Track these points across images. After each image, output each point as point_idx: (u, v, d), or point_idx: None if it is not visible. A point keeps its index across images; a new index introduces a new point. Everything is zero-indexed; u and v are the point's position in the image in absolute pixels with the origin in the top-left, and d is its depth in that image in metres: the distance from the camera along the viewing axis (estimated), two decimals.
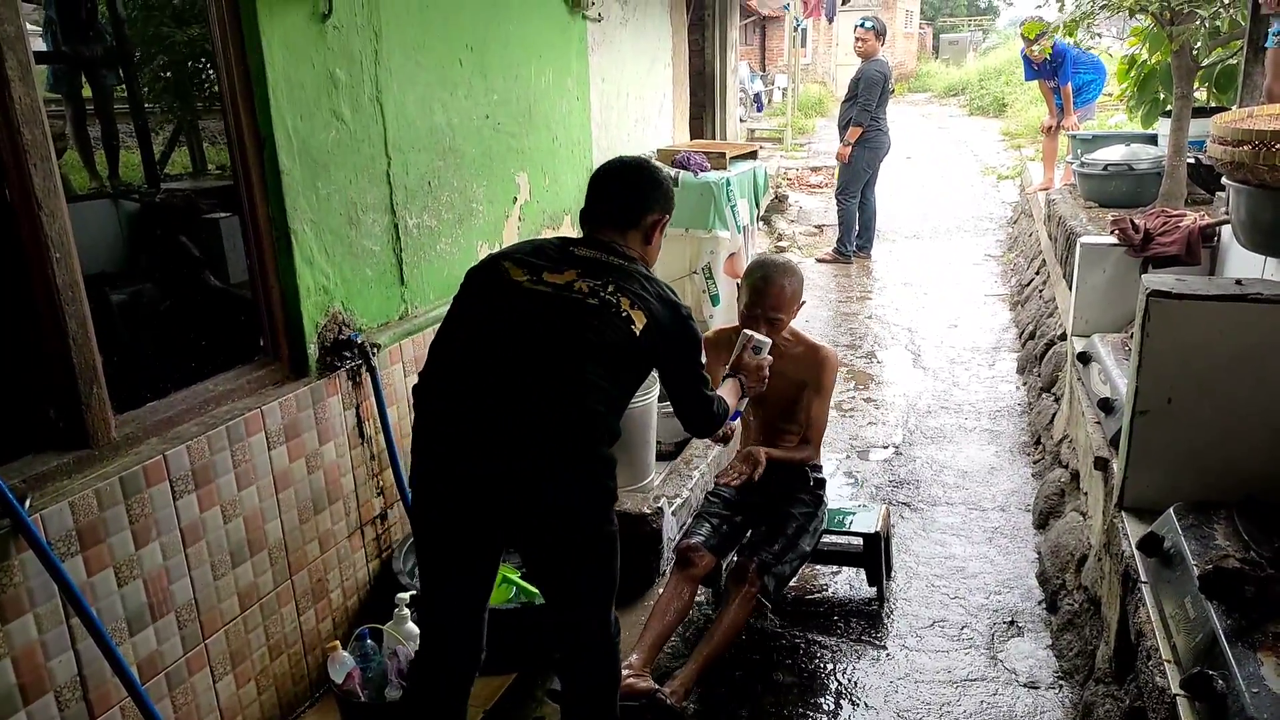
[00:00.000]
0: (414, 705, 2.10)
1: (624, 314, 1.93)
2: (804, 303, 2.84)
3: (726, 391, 2.38)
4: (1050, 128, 7.25)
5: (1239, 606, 1.71)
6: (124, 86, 3.86)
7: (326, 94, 2.49)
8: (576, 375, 1.86)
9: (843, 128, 7.49)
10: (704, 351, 3.04)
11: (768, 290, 2.72)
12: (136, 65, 3.79)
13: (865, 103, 7.21)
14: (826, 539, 3.09)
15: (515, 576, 2.71)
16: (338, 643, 2.43)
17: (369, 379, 2.68)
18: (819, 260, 7.77)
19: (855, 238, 7.72)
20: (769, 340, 2.56)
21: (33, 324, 1.87)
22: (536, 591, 2.65)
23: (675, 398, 2.15)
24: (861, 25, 7.45)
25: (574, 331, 1.88)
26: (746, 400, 2.49)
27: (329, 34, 2.48)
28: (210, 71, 2.46)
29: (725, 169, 4.78)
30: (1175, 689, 1.70)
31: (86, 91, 3.85)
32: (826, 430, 3.13)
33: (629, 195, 2.10)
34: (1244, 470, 2.20)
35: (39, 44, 3.80)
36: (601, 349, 1.89)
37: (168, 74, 3.78)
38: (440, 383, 1.95)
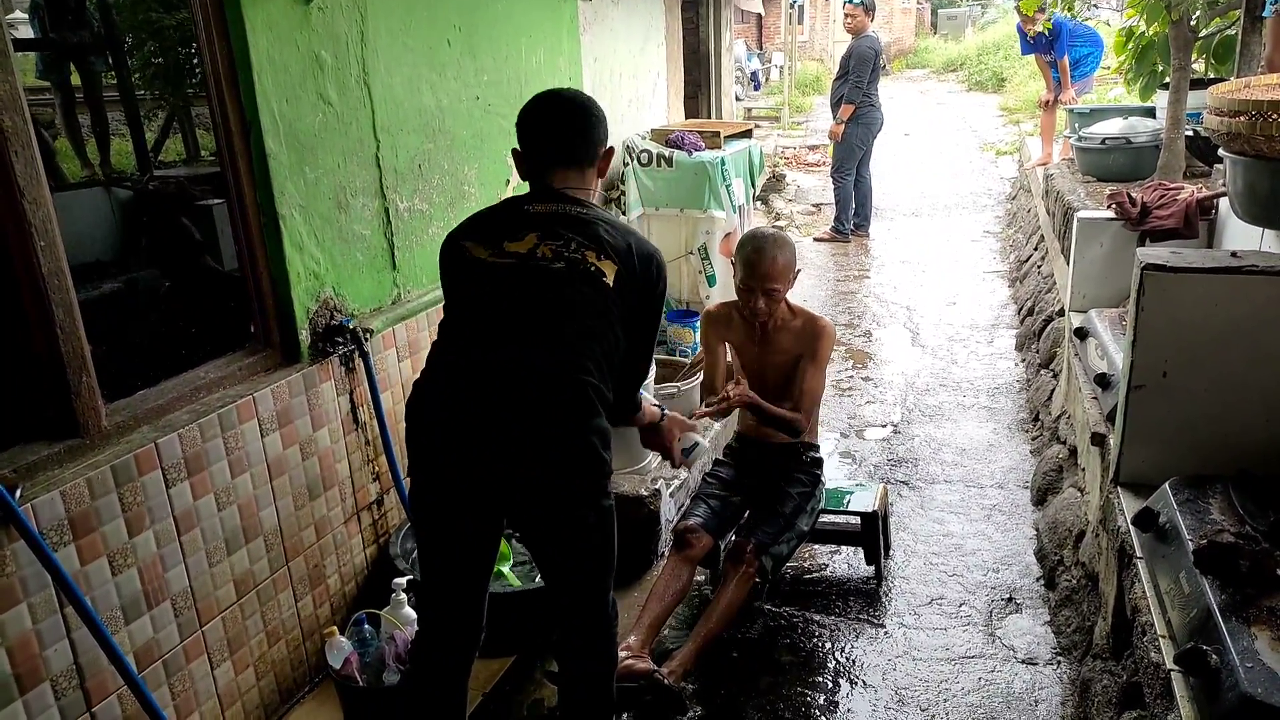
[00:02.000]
0: (415, 687, 2.10)
1: (593, 268, 1.87)
2: (799, 271, 2.82)
3: (647, 409, 2.35)
4: (1048, 102, 7.20)
5: (1233, 581, 1.71)
6: (113, 73, 3.83)
7: (312, 76, 2.46)
8: (559, 347, 1.83)
9: (835, 106, 7.44)
10: (702, 326, 3.04)
11: (760, 262, 2.71)
12: (126, 52, 3.76)
13: (857, 80, 7.15)
14: (824, 518, 3.09)
15: (506, 569, 2.72)
16: (335, 628, 2.43)
17: (362, 364, 2.67)
18: (816, 239, 7.73)
19: (852, 216, 7.68)
20: (706, 446, 2.57)
21: (19, 313, 1.86)
22: (519, 583, 2.67)
23: (639, 340, 2.04)
24: (850, 2, 7.39)
25: (547, 302, 1.84)
26: (648, 422, 2.39)
27: (313, 15, 2.45)
28: (198, 56, 2.45)
29: (720, 148, 4.74)
30: (1170, 664, 1.70)
31: (76, 79, 3.82)
32: (823, 407, 3.13)
33: (574, 130, 1.98)
34: (1240, 444, 2.19)
35: (26, 31, 3.77)
36: (576, 314, 1.85)
37: (158, 60, 3.75)
38: (434, 372, 1.92)
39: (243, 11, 2.22)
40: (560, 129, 1.98)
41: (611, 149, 2.07)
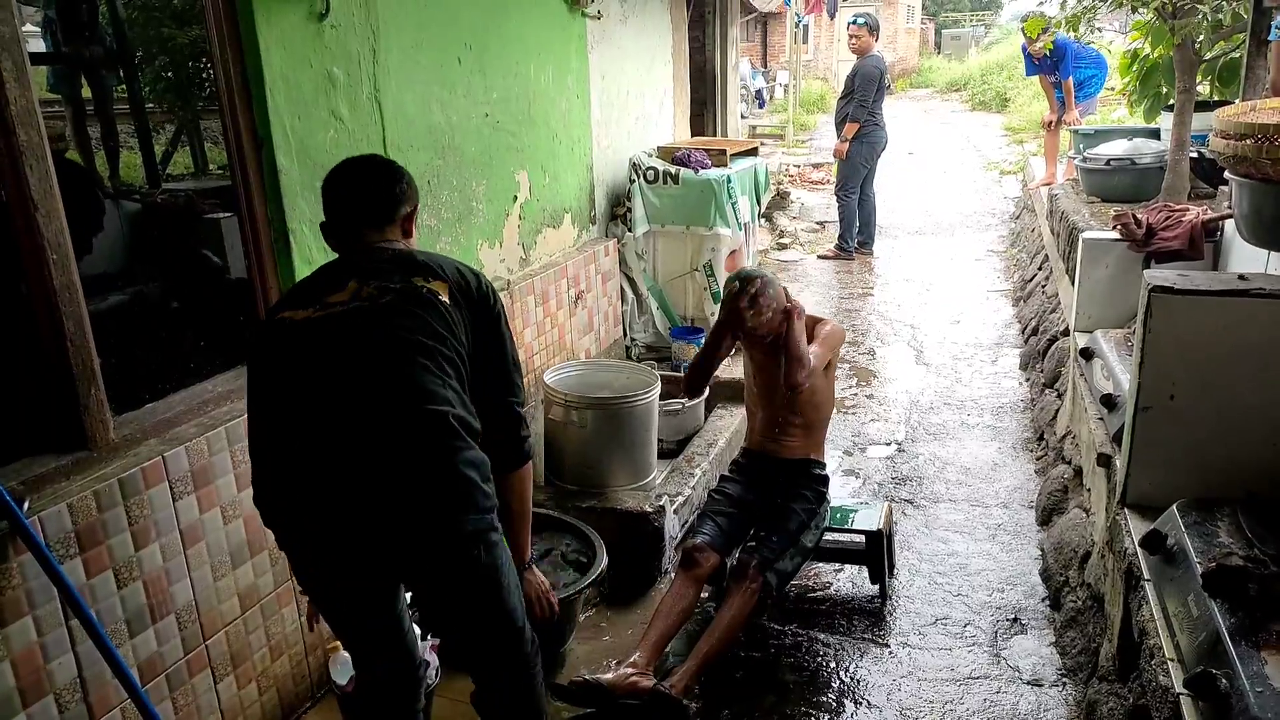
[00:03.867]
0: None
1: (424, 291, 1.79)
2: (791, 305, 2.82)
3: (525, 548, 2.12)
4: (1052, 123, 7.23)
5: (1243, 605, 1.70)
6: (124, 87, 3.86)
7: (324, 93, 2.48)
8: (408, 385, 1.71)
9: (840, 124, 7.47)
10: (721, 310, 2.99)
11: (737, 312, 2.78)
12: (137, 66, 3.79)
13: (861, 99, 7.18)
14: (829, 536, 3.08)
15: None
16: (339, 644, 2.43)
17: None
18: (820, 257, 7.75)
19: (856, 234, 7.70)
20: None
21: (30, 326, 1.87)
22: None
23: (481, 376, 1.89)
24: (854, 22, 7.43)
25: (384, 339, 1.73)
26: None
27: (326, 33, 2.47)
28: (210, 72, 2.49)
29: (726, 166, 4.76)
30: (1179, 688, 1.69)
31: (87, 93, 3.85)
32: (829, 428, 3.14)
33: (377, 190, 1.90)
34: (1247, 467, 2.19)
35: (39, 45, 3.80)
36: (418, 344, 1.74)
37: (169, 75, 3.78)
38: (280, 455, 1.77)
39: (256, 29, 2.25)
40: (353, 192, 1.91)
41: (414, 211, 1.96)
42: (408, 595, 2.05)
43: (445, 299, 1.81)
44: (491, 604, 1.86)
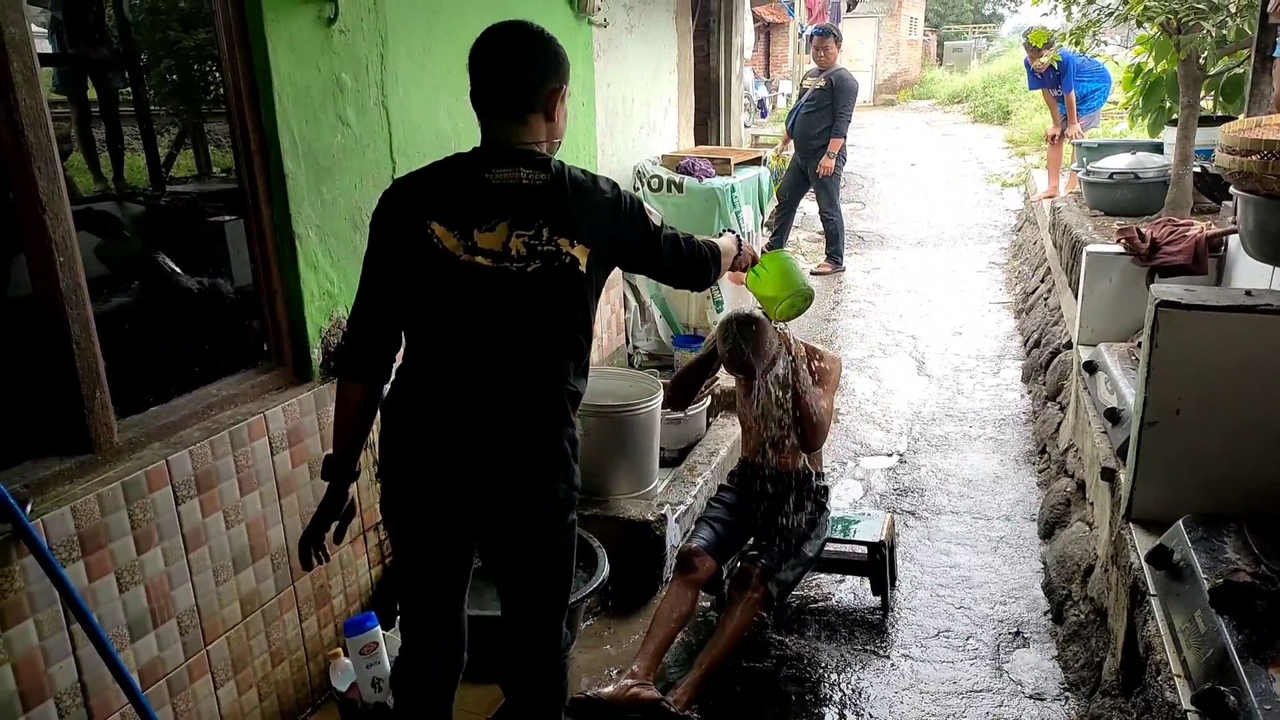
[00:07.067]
0: (402, 711, 2.07)
1: (567, 259, 1.77)
2: (780, 341, 2.80)
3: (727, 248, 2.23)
4: (1055, 136, 7.23)
5: (1250, 621, 1.70)
6: (129, 89, 3.86)
7: (332, 98, 2.48)
8: (537, 359, 1.80)
9: (813, 138, 7.19)
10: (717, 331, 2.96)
11: (735, 354, 2.76)
12: (143, 68, 3.79)
13: (847, 115, 7.08)
14: (830, 547, 3.07)
15: None
16: (340, 650, 2.42)
17: None
18: (814, 274, 7.62)
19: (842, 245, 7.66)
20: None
21: (36, 328, 1.86)
22: None
23: (654, 269, 2.02)
24: (820, 34, 7.30)
25: (524, 312, 1.77)
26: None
27: (335, 39, 2.47)
28: (217, 75, 2.50)
29: (730, 175, 4.77)
30: (1186, 704, 1.68)
31: (92, 94, 3.85)
32: (829, 434, 3.13)
33: (518, 70, 1.77)
34: (1253, 482, 2.19)
35: (45, 46, 3.80)
36: (555, 321, 1.80)
37: (174, 77, 3.78)
38: (410, 381, 1.86)
39: (266, 33, 2.24)
40: (494, 72, 1.78)
41: (561, 90, 1.82)
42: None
43: (583, 267, 1.78)
44: (556, 574, 1.96)
